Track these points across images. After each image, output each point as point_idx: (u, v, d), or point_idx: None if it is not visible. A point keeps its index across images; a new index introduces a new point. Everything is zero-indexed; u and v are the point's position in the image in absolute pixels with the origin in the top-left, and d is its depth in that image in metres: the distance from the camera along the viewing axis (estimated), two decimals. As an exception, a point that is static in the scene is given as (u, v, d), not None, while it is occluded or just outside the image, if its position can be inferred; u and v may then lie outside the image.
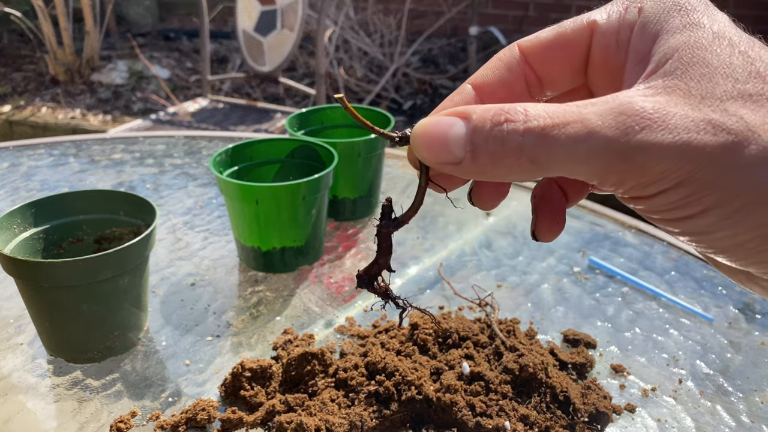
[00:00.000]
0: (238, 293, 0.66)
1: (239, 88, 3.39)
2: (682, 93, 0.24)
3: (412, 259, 0.73)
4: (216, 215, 0.82)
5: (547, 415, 0.48)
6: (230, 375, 0.52)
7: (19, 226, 0.55)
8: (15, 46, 4.11)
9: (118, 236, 0.59)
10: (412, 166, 0.29)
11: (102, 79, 3.55)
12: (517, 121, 0.24)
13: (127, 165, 0.97)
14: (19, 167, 0.95)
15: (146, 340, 0.58)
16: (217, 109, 2.20)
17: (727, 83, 0.24)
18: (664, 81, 0.25)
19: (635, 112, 0.24)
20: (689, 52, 0.25)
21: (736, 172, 0.23)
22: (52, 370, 0.54)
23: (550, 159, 0.24)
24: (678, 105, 0.24)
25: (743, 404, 0.53)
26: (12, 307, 0.62)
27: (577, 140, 0.24)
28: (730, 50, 0.25)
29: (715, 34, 0.25)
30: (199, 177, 0.93)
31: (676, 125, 0.23)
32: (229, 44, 4.02)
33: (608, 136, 0.23)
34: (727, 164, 0.23)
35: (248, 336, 0.59)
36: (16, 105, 3.32)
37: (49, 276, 0.49)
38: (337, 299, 0.66)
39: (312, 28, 2.76)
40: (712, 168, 0.23)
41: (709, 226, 0.24)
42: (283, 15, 2.03)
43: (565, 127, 0.24)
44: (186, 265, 0.71)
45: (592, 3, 0.33)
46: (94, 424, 0.49)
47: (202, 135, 1.10)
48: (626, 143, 0.23)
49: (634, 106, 0.24)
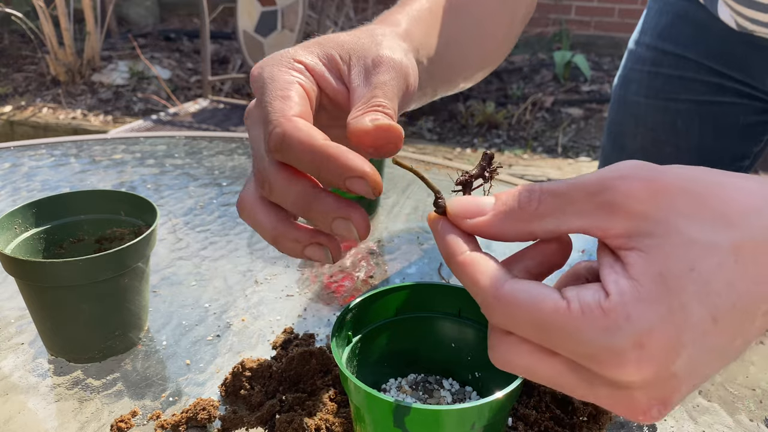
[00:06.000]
0: (239, 293, 0.66)
1: (240, 88, 3.39)
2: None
3: (412, 259, 0.73)
4: (216, 215, 0.82)
5: (547, 415, 0.48)
6: (230, 375, 0.52)
7: (20, 226, 0.55)
8: (16, 46, 4.12)
9: (119, 236, 0.59)
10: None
11: (103, 80, 3.55)
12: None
13: (127, 165, 0.97)
14: (20, 167, 0.95)
15: (147, 339, 0.58)
16: (218, 109, 2.20)
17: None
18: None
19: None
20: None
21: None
22: (52, 369, 0.54)
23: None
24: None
25: (743, 403, 0.53)
26: (13, 307, 0.63)
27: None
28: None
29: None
30: (200, 177, 0.93)
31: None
32: (230, 45, 4.03)
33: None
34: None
35: (248, 336, 0.59)
36: (17, 105, 3.32)
37: (50, 276, 0.49)
38: (337, 299, 0.66)
39: (312, 29, 2.77)
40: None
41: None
42: (283, 16, 2.03)
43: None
44: (186, 265, 0.71)
45: (592, 3, 0.33)
46: (95, 423, 0.49)
47: (203, 135, 1.10)
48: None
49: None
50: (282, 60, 0.40)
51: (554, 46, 3.85)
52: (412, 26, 0.46)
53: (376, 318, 0.46)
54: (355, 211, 0.35)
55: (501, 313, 0.30)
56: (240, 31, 2.11)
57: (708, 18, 0.82)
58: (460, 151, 2.95)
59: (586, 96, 3.42)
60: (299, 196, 0.36)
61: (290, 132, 0.34)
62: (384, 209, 0.84)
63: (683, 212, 0.27)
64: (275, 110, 0.36)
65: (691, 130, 0.87)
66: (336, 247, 0.38)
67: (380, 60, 0.39)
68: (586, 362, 0.28)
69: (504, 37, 0.59)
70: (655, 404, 0.28)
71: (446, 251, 0.33)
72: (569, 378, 0.29)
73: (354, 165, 0.33)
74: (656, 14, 0.89)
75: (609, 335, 0.27)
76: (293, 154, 0.34)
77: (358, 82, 0.39)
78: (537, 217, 0.31)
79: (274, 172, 0.36)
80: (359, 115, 0.36)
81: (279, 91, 0.37)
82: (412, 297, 0.47)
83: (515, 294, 0.29)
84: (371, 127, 0.35)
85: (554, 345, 0.28)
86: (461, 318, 0.47)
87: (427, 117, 3.27)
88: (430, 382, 0.48)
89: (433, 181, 0.36)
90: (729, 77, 0.83)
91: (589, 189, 0.29)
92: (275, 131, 0.35)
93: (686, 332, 0.26)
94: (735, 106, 0.84)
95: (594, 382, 0.28)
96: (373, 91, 0.38)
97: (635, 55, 0.92)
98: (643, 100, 0.90)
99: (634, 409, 0.28)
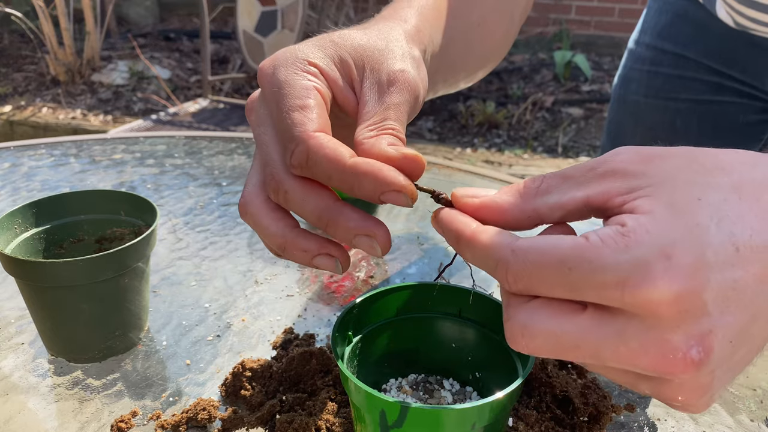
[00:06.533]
0: (239, 293, 0.66)
1: (240, 88, 3.39)
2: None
3: (412, 259, 0.73)
4: (216, 215, 0.82)
5: (547, 415, 0.48)
6: (230, 375, 0.52)
7: (20, 226, 0.55)
8: (16, 46, 4.12)
9: (119, 236, 0.59)
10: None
11: (102, 80, 3.55)
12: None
13: (127, 165, 0.97)
14: (20, 167, 0.95)
15: (147, 339, 0.58)
16: (218, 109, 2.20)
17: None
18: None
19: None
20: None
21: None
22: (52, 369, 0.54)
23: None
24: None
25: (743, 404, 0.53)
26: (13, 307, 0.62)
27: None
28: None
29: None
30: (200, 177, 0.93)
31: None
32: (230, 44, 4.03)
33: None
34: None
35: (248, 336, 0.59)
36: (16, 105, 3.32)
37: (50, 276, 0.49)
38: (337, 299, 0.66)
39: (312, 29, 2.77)
40: None
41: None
42: (283, 15, 2.03)
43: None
44: (186, 265, 0.71)
45: (592, 3, 0.33)
46: (95, 423, 0.49)
47: (203, 135, 1.10)
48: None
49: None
50: (297, 62, 0.38)
51: (554, 45, 3.85)
52: (421, 23, 0.46)
53: (376, 318, 0.46)
54: (379, 229, 0.34)
55: (519, 266, 0.28)
56: (240, 30, 2.11)
57: (707, 17, 0.82)
58: (460, 151, 2.95)
59: (586, 96, 3.42)
60: (320, 209, 0.35)
61: (315, 149, 0.33)
62: (384, 209, 0.84)
63: (678, 166, 0.29)
64: (296, 124, 0.35)
65: (691, 129, 0.87)
66: (346, 257, 0.37)
67: (395, 78, 0.38)
68: (614, 293, 0.26)
69: (503, 34, 0.59)
70: (693, 344, 0.26)
71: (455, 232, 0.32)
72: (596, 333, 0.27)
73: (392, 180, 0.33)
74: (656, 14, 0.89)
75: (633, 250, 0.26)
76: (320, 171, 0.34)
77: (369, 97, 0.38)
78: (540, 194, 0.31)
79: (291, 182, 0.35)
80: (372, 137, 0.35)
81: (297, 99, 0.36)
82: (413, 297, 0.47)
83: (531, 243, 0.28)
84: (396, 155, 0.34)
85: (579, 285, 0.27)
86: (461, 318, 0.47)
87: (427, 117, 3.27)
88: (430, 382, 0.48)
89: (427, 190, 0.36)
90: (728, 76, 0.83)
91: (588, 165, 0.30)
92: (299, 149, 0.34)
93: (709, 249, 0.26)
94: (734, 105, 0.84)
95: (624, 331, 0.27)
96: (386, 112, 0.37)
97: (635, 55, 0.92)
98: (642, 99, 0.90)
99: (672, 352, 0.26)
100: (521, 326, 0.29)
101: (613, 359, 0.27)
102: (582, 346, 0.28)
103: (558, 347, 0.28)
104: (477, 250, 0.31)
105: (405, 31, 0.43)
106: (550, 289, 0.28)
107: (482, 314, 0.45)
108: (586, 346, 0.27)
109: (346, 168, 0.33)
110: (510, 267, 0.29)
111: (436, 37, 0.48)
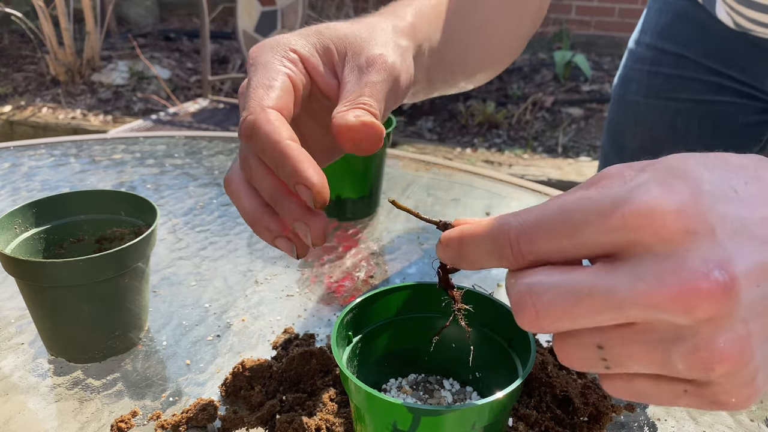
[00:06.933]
0: (239, 293, 0.66)
1: (239, 88, 3.39)
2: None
3: (412, 259, 0.73)
4: (216, 215, 0.82)
5: (547, 415, 0.48)
6: (230, 375, 0.52)
7: (20, 226, 0.55)
8: (16, 46, 4.12)
9: (119, 236, 0.59)
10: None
11: (102, 80, 3.55)
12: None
13: (127, 165, 0.97)
14: (19, 167, 0.95)
15: (147, 339, 0.58)
16: (218, 109, 2.20)
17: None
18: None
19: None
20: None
21: None
22: (52, 369, 0.54)
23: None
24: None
25: (743, 404, 0.53)
26: (12, 307, 0.62)
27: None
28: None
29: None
30: (200, 177, 0.93)
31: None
32: (230, 44, 4.03)
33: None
34: None
35: (248, 336, 0.59)
36: (16, 105, 3.32)
37: (50, 276, 0.49)
38: (337, 299, 0.66)
39: (312, 29, 2.77)
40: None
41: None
42: (283, 15, 2.03)
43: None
44: (186, 265, 0.71)
45: (592, 2, 0.33)
46: (95, 423, 0.49)
47: (203, 135, 1.10)
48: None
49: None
50: (278, 47, 0.40)
51: (554, 45, 3.85)
52: (417, 20, 0.47)
53: (376, 318, 0.46)
54: (314, 219, 0.37)
55: (522, 221, 0.28)
56: (240, 31, 2.12)
57: (707, 17, 0.82)
58: (460, 150, 2.95)
59: (586, 96, 3.42)
60: (271, 189, 0.37)
61: (261, 122, 0.35)
62: (384, 209, 0.84)
63: (677, 157, 0.28)
64: (254, 98, 0.37)
65: (691, 129, 0.87)
66: (302, 245, 0.40)
67: (373, 60, 0.40)
68: (616, 221, 0.25)
69: (510, 38, 0.59)
70: (713, 266, 0.24)
71: (458, 232, 0.32)
72: (608, 278, 0.25)
73: (305, 173, 0.34)
74: (656, 14, 0.89)
75: (632, 183, 0.26)
76: (259, 145, 0.36)
77: (349, 79, 0.40)
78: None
79: (253, 160, 0.38)
80: (344, 111, 0.37)
81: (265, 79, 0.38)
82: (413, 297, 0.47)
83: (532, 208, 0.29)
84: (354, 123, 0.36)
85: (581, 227, 0.26)
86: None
87: (427, 117, 3.27)
88: (430, 382, 0.48)
89: (432, 213, 0.38)
90: (728, 77, 0.83)
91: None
92: (248, 118, 0.36)
93: (705, 183, 0.26)
94: (734, 105, 0.84)
95: (636, 269, 0.25)
96: (362, 89, 0.38)
97: (635, 55, 0.92)
98: (642, 99, 0.90)
99: (691, 276, 0.24)
100: (527, 287, 0.27)
101: (630, 301, 0.25)
102: (595, 294, 0.26)
103: (569, 300, 0.26)
104: (479, 236, 0.30)
105: (396, 25, 0.45)
106: (555, 240, 0.27)
107: (482, 314, 0.45)
108: (599, 292, 0.25)
109: (277, 147, 0.35)
110: (512, 227, 0.28)
111: (435, 35, 0.49)
